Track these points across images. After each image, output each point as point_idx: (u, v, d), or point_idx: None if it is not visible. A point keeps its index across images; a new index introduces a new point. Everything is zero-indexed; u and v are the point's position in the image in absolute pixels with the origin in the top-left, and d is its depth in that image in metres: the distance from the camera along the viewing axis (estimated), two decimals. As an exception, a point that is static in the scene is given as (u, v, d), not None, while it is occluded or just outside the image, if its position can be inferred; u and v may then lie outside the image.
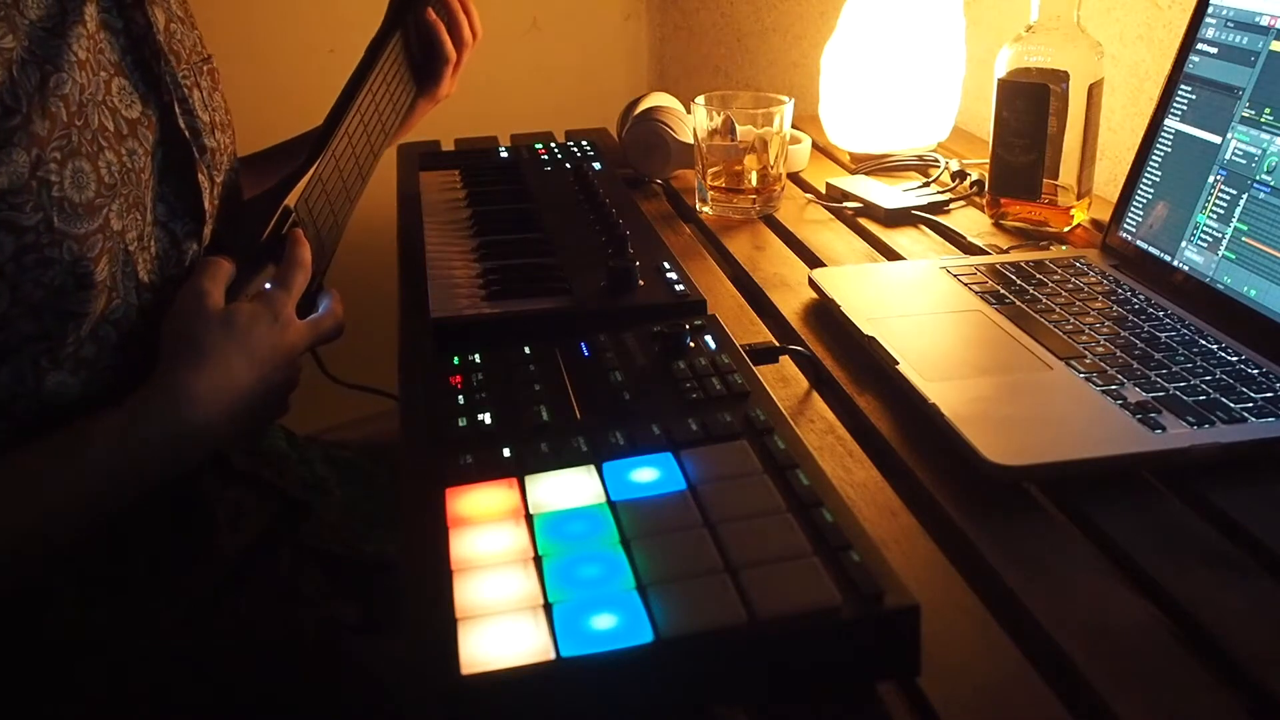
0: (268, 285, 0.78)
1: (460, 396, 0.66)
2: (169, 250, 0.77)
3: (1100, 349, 0.77)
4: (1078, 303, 0.85)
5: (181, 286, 0.74)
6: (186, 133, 0.78)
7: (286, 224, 0.80)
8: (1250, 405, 0.69)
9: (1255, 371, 0.73)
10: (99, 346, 0.71)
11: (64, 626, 0.76)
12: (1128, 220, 0.94)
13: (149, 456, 0.69)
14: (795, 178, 1.26)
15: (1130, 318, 0.82)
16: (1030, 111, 1.01)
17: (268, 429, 0.95)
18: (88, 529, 0.69)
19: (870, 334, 0.80)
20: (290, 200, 0.80)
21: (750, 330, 0.88)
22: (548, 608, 0.48)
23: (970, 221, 1.10)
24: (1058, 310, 0.83)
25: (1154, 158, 0.92)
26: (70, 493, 0.67)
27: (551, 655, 0.46)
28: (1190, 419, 0.67)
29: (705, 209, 1.14)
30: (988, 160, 1.06)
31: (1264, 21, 0.84)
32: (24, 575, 0.70)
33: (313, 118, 0.95)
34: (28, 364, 0.67)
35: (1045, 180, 1.03)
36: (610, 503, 0.55)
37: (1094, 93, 1.00)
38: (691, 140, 1.16)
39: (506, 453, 0.60)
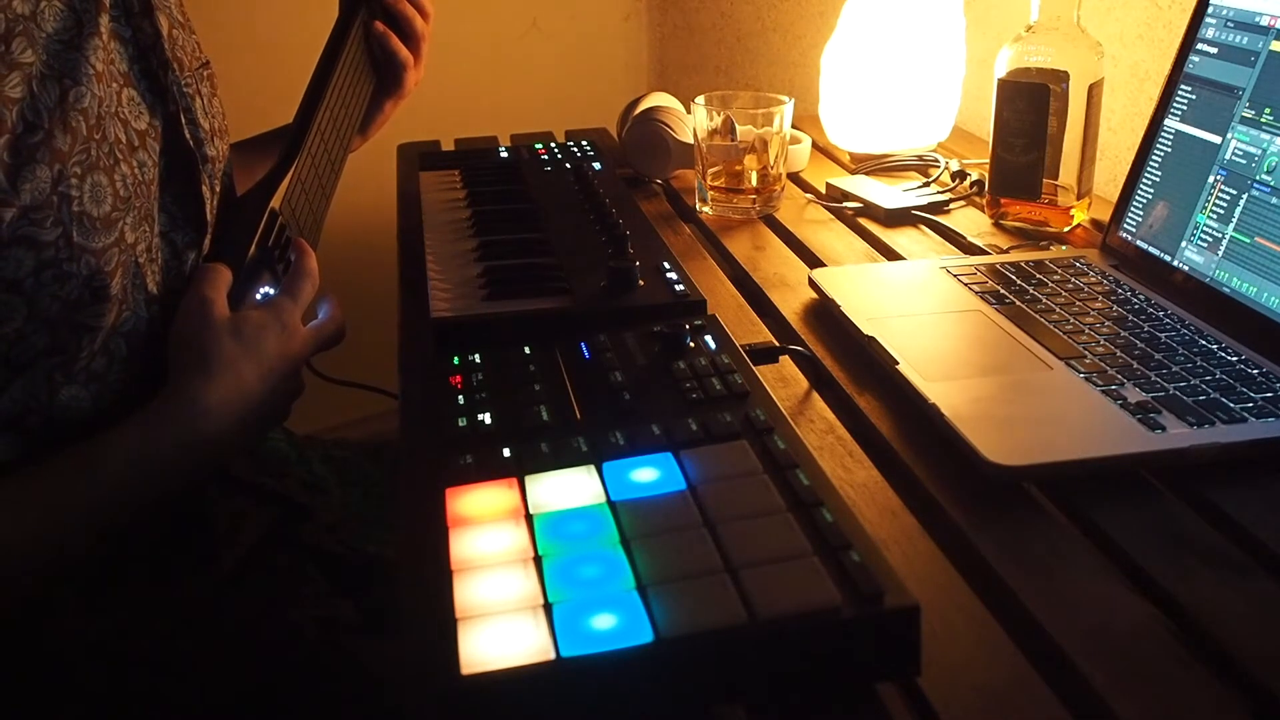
0: (266, 290, 0.78)
1: (460, 396, 0.66)
2: (170, 261, 0.77)
3: (1100, 349, 0.77)
4: (1078, 303, 0.85)
5: (183, 296, 0.74)
6: (191, 143, 0.78)
7: (275, 227, 0.80)
8: (1250, 405, 0.69)
9: (1255, 371, 0.73)
10: (109, 359, 0.71)
11: (66, 631, 0.76)
12: (1128, 220, 0.94)
13: (164, 468, 0.69)
14: (795, 178, 1.26)
15: (1130, 318, 0.82)
16: (1030, 111, 1.01)
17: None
18: (102, 540, 0.69)
19: (870, 334, 0.80)
20: (275, 203, 0.80)
21: (750, 330, 0.88)
22: (548, 608, 0.48)
23: (970, 221, 1.10)
24: (1058, 310, 0.83)
25: (1154, 158, 0.92)
26: (87, 505, 0.67)
27: (551, 655, 0.46)
28: (1190, 419, 0.67)
29: (705, 209, 1.14)
30: (988, 160, 1.07)
31: (1264, 21, 0.84)
32: (40, 586, 0.70)
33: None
34: (41, 378, 0.67)
35: (1045, 180, 1.03)
36: (610, 503, 0.55)
37: (1094, 93, 1.00)
38: (691, 140, 1.16)
39: (506, 453, 0.60)
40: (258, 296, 0.78)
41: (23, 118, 0.64)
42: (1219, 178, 0.85)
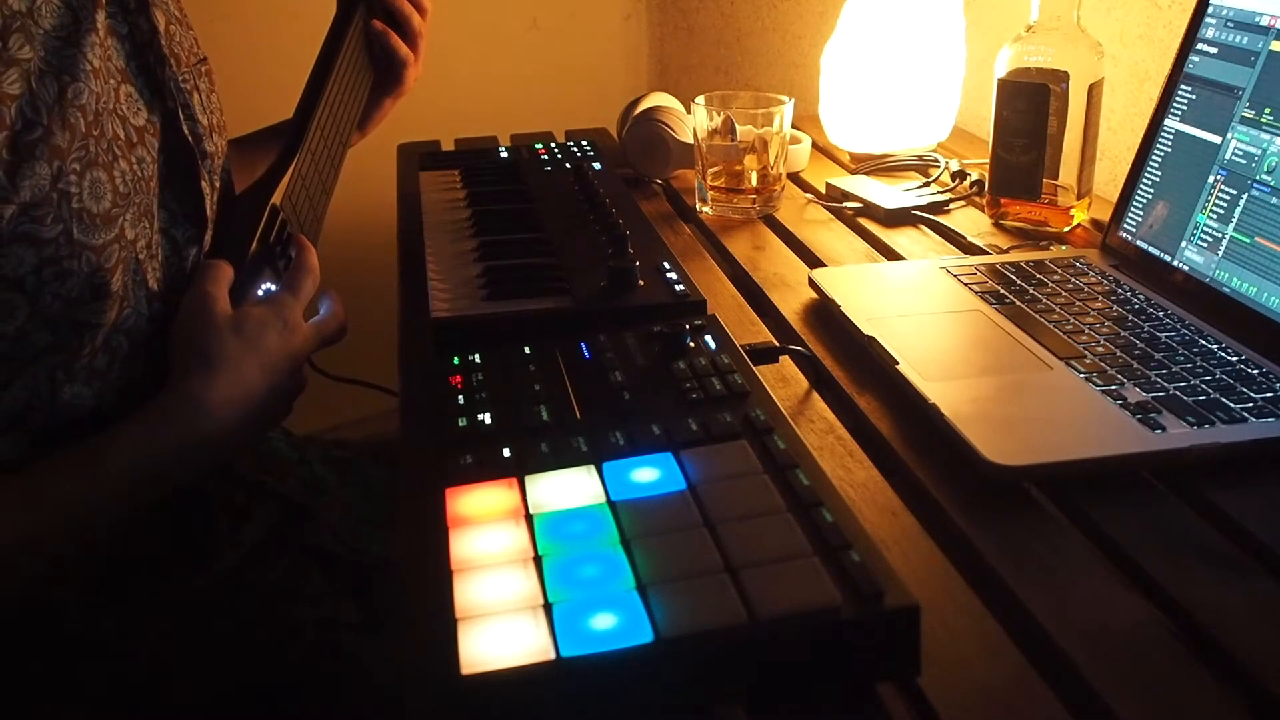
0: (268, 286, 0.78)
1: (460, 396, 0.66)
2: (171, 258, 0.77)
3: (1100, 349, 0.77)
4: (1078, 303, 0.85)
5: (185, 292, 0.74)
6: (190, 138, 0.78)
7: (276, 223, 0.80)
8: (1250, 405, 0.69)
9: (1255, 371, 0.73)
10: (111, 356, 0.71)
11: (66, 631, 0.76)
12: (1128, 220, 0.94)
13: (165, 466, 0.69)
14: (795, 178, 1.26)
15: (1130, 318, 0.82)
16: (1030, 111, 1.01)
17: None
18: (104, 538, 0.69)
19: (870, 334, 0.80)
20: (276, 199, 0.80)
21: (750, 330, 0.88)
22: (548, 608, 0.48)
23: (970, 221, 1.10)
24: (1058, 310, 0.83)
25: (1154, 158, 0.92)
26: (88, 504, 0.67)
27: (551, 655, 0.46)
28: (1190, 419, 0.67)
29: (705, 209, 1.14)
30: (988, 160, 1.06)
31: (1264, 21, 0.84)
32: (40, 584, 0.70)
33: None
34: (43, 376, 0.67)
35: (1045, 180, 1.03)
36: (610, 503, 0.55)
37: (1094, 93, 1.00)
38: (691, 140, 1.16)
39: (506, 453, 0.60)
40: (259, 293, 0.78)
41: (21, 114, 0.64)
42: (1219, 178, 0.85)
